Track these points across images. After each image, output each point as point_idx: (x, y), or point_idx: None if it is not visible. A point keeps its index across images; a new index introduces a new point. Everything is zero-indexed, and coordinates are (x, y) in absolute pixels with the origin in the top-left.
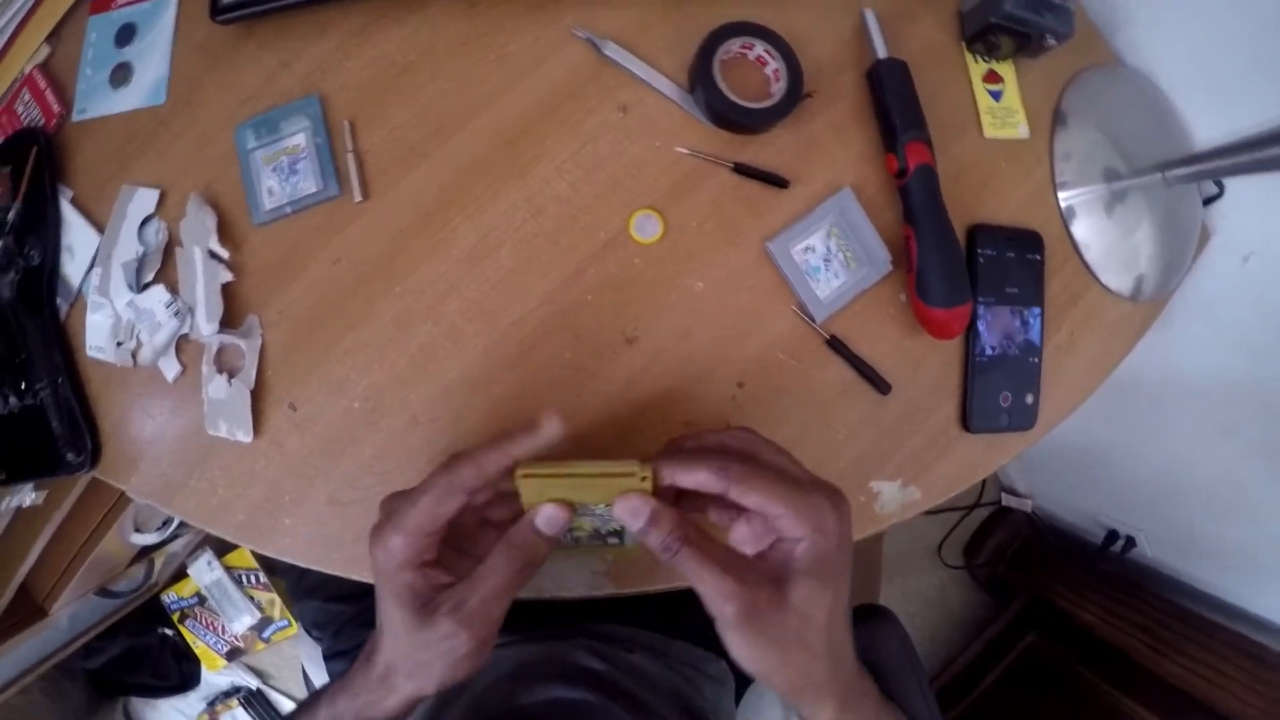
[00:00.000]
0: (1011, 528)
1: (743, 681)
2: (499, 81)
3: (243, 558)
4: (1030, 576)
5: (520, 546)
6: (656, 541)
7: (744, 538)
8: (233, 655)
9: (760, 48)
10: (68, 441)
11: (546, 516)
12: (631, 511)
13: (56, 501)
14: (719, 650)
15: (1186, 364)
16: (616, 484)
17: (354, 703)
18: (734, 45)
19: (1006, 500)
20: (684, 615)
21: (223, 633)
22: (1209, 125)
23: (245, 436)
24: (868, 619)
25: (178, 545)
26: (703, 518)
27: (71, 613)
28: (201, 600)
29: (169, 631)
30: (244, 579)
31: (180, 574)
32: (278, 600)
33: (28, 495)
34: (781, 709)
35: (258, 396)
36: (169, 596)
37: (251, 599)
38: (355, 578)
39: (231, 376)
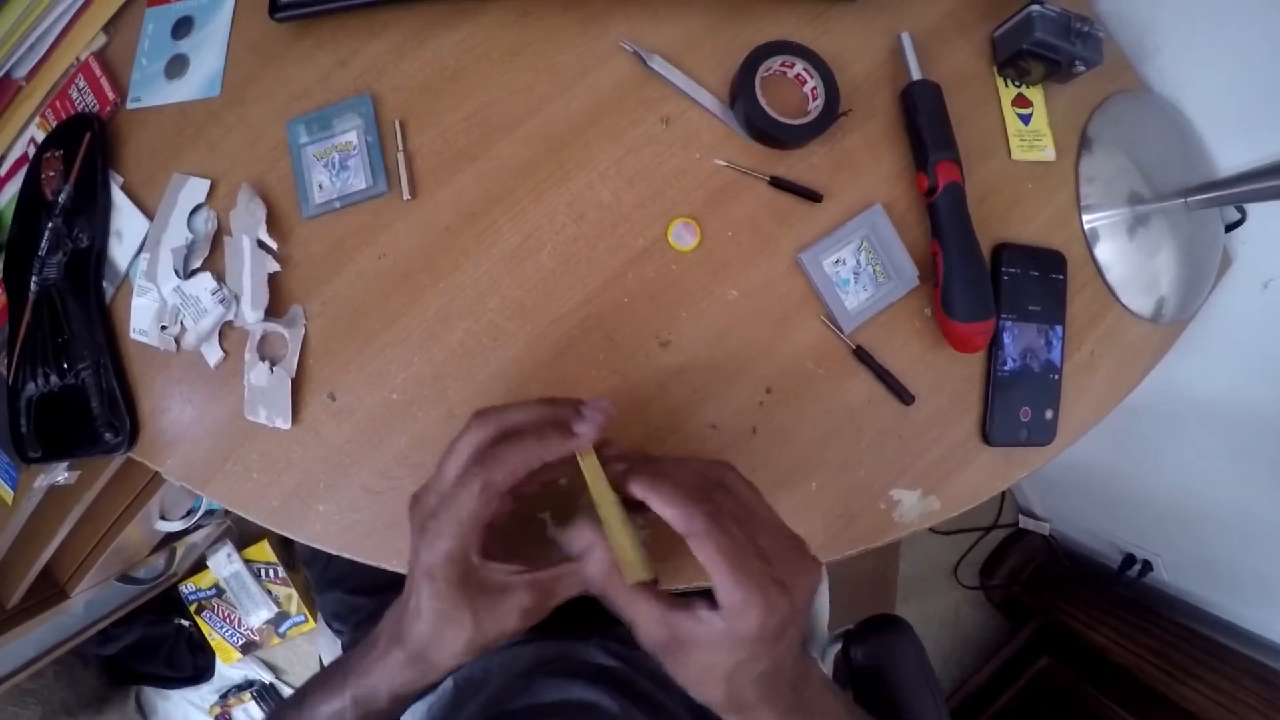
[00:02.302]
0: (1028, 550)
1: None
2: (547, 90)
3: (262, 552)
4: (1045, 599)
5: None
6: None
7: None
8: (248, 649)
9: (800, 66)
10: (106, 422)
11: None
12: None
13: (87, 483)
14: None
15: (1203, 387)
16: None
17: (389, 679)
18: (775, 63)
19: (1024, 523)
20: None
21: (239, 626)
22: (1233, 153)
23: (284, 423)
24: (883, 629)
25: (198, 536)
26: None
27: (89, 598)
28: (219, 592)
29: (185, 623)
30: (263, 573)
31: (199, 565)
32: (295, 595)
33: (61, 474)
34: None
35: (298, 385)
36: (187, 587)
37: (269, 593)
38: (385, 567)
39: (274, 364)
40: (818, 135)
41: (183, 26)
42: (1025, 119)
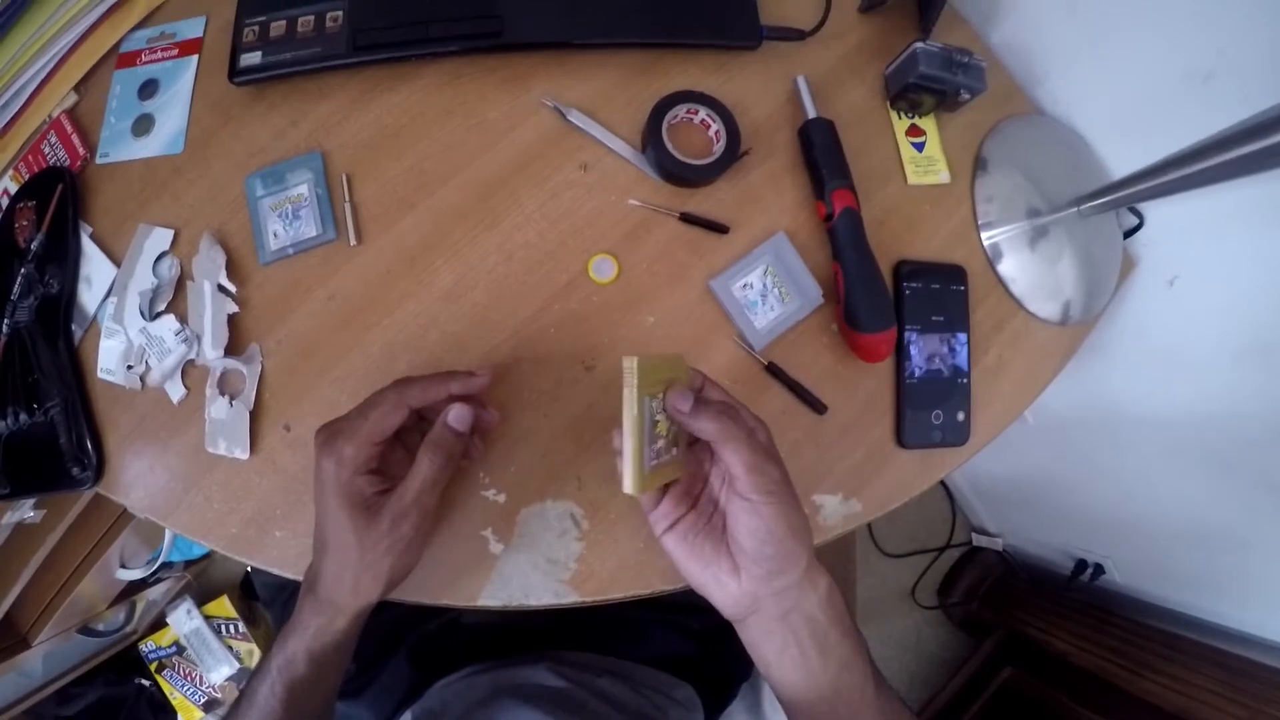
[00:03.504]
0: (983, 566)
1: (713, 708)
2: (478, 144)
3: (222, 607)
4: (1004, 612)
5: (440, 444)
6: (706, 416)
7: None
8: (210, 707)
9: (704, 112)
10: (74, 457)
11: (456, 414)
12: (681, 398)
13: (52, 523)
14: (686, 676)
15: (1128, 391)
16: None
17: (303, 637)
18: (681, 110)
19: (977, 540)
20: (649, 641)
21: (200, 683)
22: (1124, 162)
23: (243, 454)
24: None
25: (158, 592)
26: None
27: (47, 652)
28: (180, 650)
29: (146, 682)
30: (223, 629)
31: (159, 623)
32: (256, 651)
33: (28, 511)
34: None
35: (255, 418)
36: (147, 645)
37: (230, 649)
38: None
39: (233, 399)
40: (722, 173)
41: (148, 88)
42: (919, 146)
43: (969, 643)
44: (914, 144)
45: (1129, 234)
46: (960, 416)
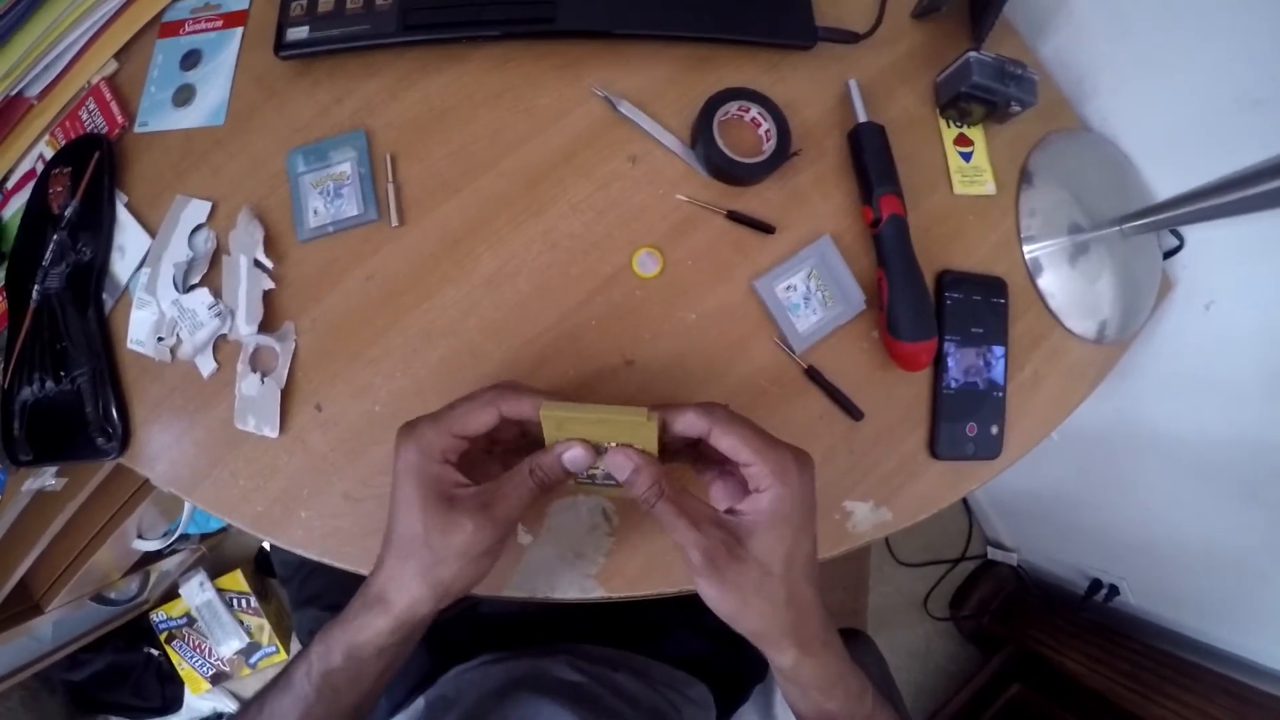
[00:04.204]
0: (996, 580)
1: (725, 708)
2: (525, 130)
3: (235, 581)
4: (1015, 628)
5: (545, 471)
6: (638, 492)
7: (720, 494)
8: (217, 679)
9: (755, 110)
10: (99, 427)
11: (573, 456)
12: (619, 465)
13: (72, 492)
14: (701, 674)
15: (1156, 413)
16: (626, 424)
17: (345, 630)
18: (732, 107)
19: (992, 554)
20: (666, 638)
21: (209, 655)
22: (1168, 184)
23: (272, 432)
24: (845, 641)
25: (172, 564)
26: (686, 474)
27: (60, 616)
28: (191, 621)
29: (155, 652)
30: (235, 602)
31: (171, 594)
32: (267, 626)
33: (49, 479)
34: None
35: (286, 396)
36: (158, 615)
37: (241, 623)
38: (362, 572)
39: (264, 376)
40: (771, 173)
41: (191, 58)
42: (966, 156)
43: (978, 657)
44: (961, 153)
45: (1168, 255)
46: (994, 430)
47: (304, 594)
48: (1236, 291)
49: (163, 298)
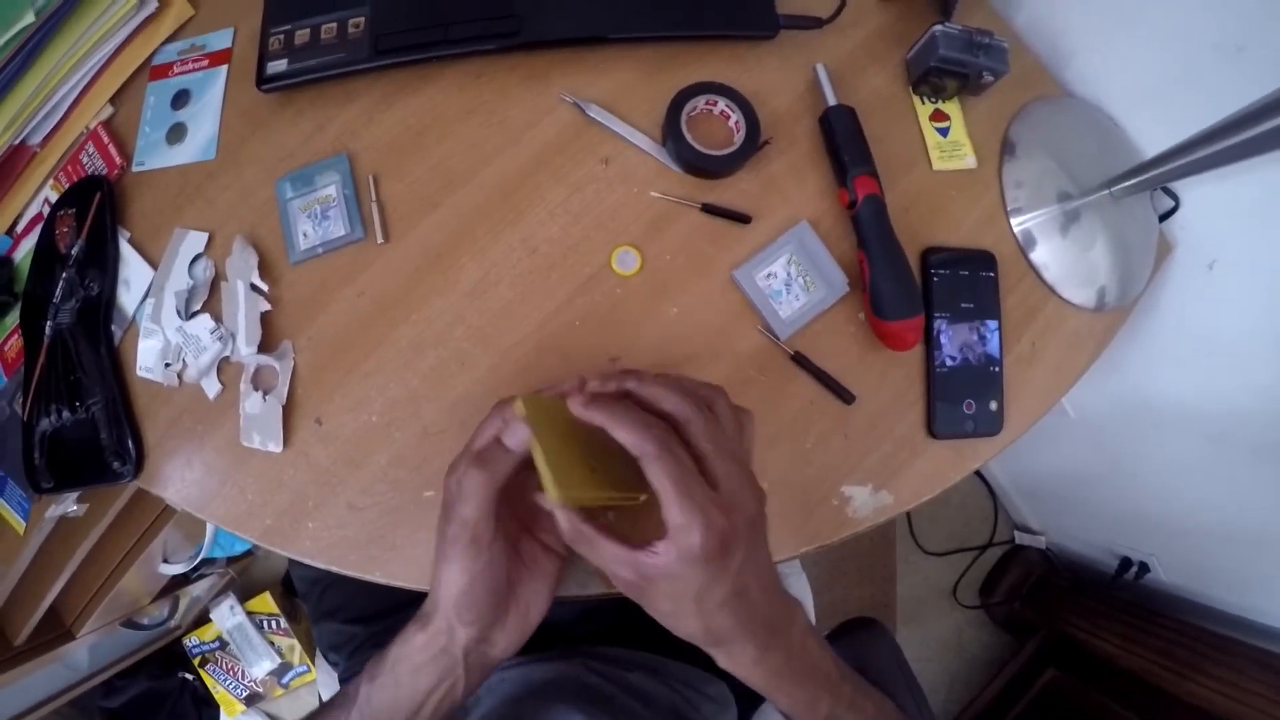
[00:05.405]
0: (1026, 564)
1: (745, 705)
2: (499, 141)
3: (264, 603)
4: (1047, 612)
5: (576, 541)
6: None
7: None
8: (251, 700)
9: (723, 103)
10: (114, 452)
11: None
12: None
13: (95, 518)
14: (718, 672)
15: (1168, 381)
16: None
17: (395, 641)
18: (699, 102)
19: (1020, 538)
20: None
21: (242, 677)
22: (1159, 144)
23: (276, 447)
24: (858, 630)
25: (201, 588)
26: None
27: (93, 641)
28: (223, 645)
29: (189, 676)
30: (265, 624)
31: (203, 619)
32: (298, 646)
33: (71, 505)
34: None
35: (288, 412)
36: (191, 640)
37: (272, 644)
38: (368, 578)
39: (266, 394)
40: (743, 163)
41: (181, 98)
42: (944, 132)
43: (1011, 643)
44: (938, 129)
45: (1164, 217)
46: (993, 406)
47: (322, 608)
48: (1239, 249)
49: (167, 326)
